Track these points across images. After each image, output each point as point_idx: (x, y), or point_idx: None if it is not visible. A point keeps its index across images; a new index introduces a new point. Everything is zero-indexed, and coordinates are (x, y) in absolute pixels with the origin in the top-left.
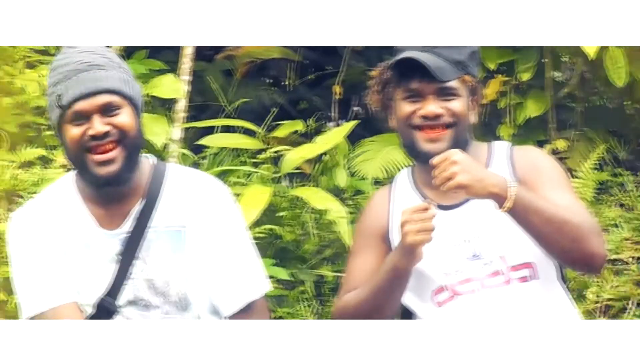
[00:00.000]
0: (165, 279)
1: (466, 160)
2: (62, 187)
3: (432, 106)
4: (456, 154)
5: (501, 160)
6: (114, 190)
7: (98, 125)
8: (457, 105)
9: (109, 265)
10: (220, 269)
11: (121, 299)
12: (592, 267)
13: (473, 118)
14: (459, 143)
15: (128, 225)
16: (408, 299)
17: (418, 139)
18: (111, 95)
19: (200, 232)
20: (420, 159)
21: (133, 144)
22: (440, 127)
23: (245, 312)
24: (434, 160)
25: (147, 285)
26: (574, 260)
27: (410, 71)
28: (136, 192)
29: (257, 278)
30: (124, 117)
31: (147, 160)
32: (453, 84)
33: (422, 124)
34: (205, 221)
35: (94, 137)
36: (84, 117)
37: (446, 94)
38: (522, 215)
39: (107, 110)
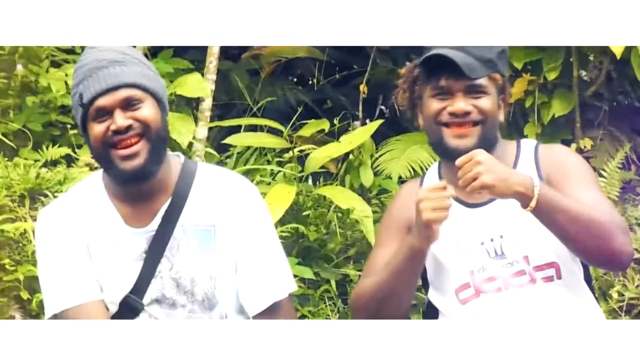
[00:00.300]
0: (192, 278)
1: (490, 160)
2: (91, 185)
3: (461, 103)
4: (480, 154)
5: (528, 158)
6: (142, 186)
7: (120, 119)
8: (486, 102)
9: (135, 263)
10: (247, 269)
11: (147, 297)
12: (618, 266)
13: (501, 117)
14: (487, 140)
15: (156, 223)
16: (432, 295)
17: (446, 135)
18: (131, 89)
19: (229, 231)
20: (447, 155)
21: (157, 137)
22: (469, 124)
23: (271, 311)
24: (458, 161)
25: (173, 284)
26: (600, 258)
27: (439, 68)
28: (165, 190)
29: (283, 278)
30: (146, 110)
31: (177, 159)
32: (482, 81)
33: (450, 121)
34: (234, 221)
35: (117, 132)
36: (106, 113)
37: (475, 91)
38: (548, 214)
39: (128, 104)
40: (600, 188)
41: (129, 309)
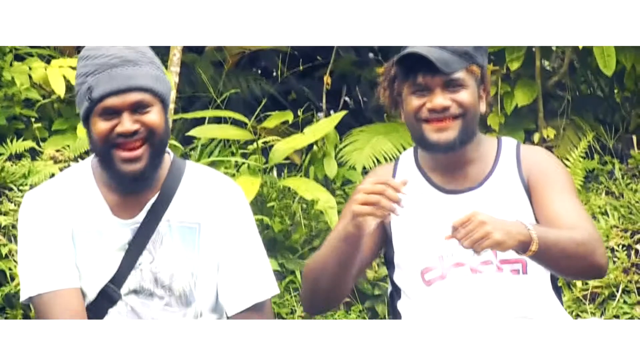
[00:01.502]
0: (171, 273)
1: (491, 217)
2: (79, 172)
3: (439, 99)
4: (479, 214)
5: (509, 157)
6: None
7: (127, 123)
8: (465, 95)
9: (117, 253)
10: (230, 269)
11: (125, 287)
12: (597, 276)
13: (483, 108)
14: (467, 132)
15: (142, 215)
16: (397, 276)
17: (426, 131)
18: (143, 93)
19: (213, 231)
20: (429, 150)
21: (160, 143)
22: (449, 118)
23: (250, 312)
24: (455, 223)
25: (152, 277)
26: (583, 275)
27: (415, 66)
28: (154, 184)
29: (266, 280)
30: (154, 116)
31: (166, 155)
32: (459, 75)
33: (430, 116)
34: (219, 221)
35: (122, 135)
36: (113, 112)
37: (453, 85)
38: (543, 252)
39: (137, 108)
40: (577, 194)
41: (106, 297)
